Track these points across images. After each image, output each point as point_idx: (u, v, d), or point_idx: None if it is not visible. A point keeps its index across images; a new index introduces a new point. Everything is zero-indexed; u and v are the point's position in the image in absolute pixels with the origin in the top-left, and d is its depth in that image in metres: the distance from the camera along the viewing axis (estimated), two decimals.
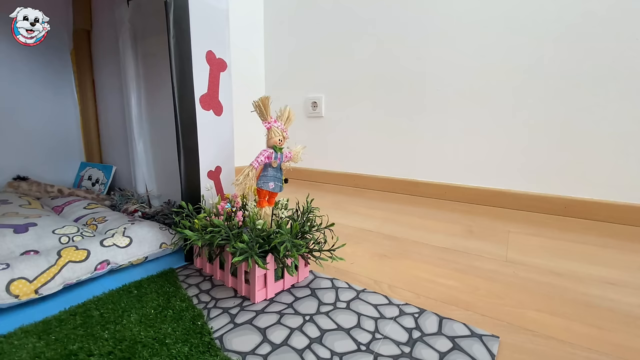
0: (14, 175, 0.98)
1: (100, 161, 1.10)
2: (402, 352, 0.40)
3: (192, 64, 0.60)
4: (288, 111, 0.56)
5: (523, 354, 0.41)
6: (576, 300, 0.54)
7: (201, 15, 0.61)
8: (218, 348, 0.40)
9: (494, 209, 1.10)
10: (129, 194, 0.89)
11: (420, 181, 1.27)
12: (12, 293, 0.45)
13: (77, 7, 1.01)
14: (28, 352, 0.38)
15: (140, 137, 0.86)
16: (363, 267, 0.64)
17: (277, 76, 1.66)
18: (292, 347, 0.41)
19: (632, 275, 0.63)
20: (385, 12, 1.29)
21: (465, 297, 0.54)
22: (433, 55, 1.20)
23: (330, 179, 1.52)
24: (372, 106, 1.37)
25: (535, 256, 0.71)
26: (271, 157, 0.55)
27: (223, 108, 0.67)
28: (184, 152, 0.61)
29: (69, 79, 1.08)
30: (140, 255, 0.60)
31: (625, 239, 0.84)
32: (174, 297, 0.50)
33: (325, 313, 0.48)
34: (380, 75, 1.33)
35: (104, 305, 0.47)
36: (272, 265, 0.52)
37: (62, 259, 0.51)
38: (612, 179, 0.96)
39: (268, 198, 0.57)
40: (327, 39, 1.45)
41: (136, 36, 0.82)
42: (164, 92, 0.77)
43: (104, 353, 0.38)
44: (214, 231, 0.51)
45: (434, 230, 0.87)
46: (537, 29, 1.01)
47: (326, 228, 0.55)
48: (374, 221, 0.94)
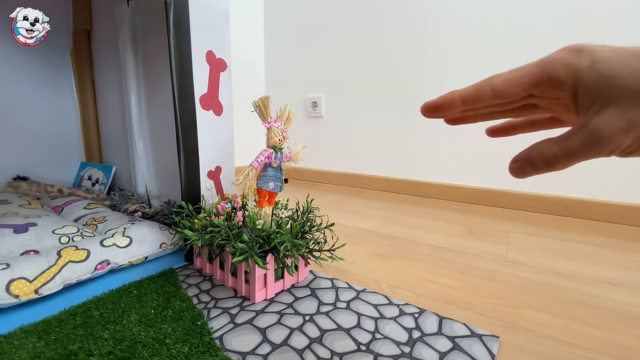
0: (14, 175, 0.97)
1: (100, 161, 1.10)
2: (402, 352, 0.40)
3: (192, 64, 0.60)
4: (288, 111, 0.56)
5: (523, 354, 0.41)
6: (576, 300, 0.54)
7: (201, 15, 0.61)
8: (218, 348, 0.40)
9: (494, 209, 1.10)
10: (129, 194, 0.89)
11: (420, 181, 1.27)
12: (12, 293, 0.45)
13: (77, 7, 1.01)
14: (28, 352, 0.38)
15: (140, 137, 0.86)
16: (363, 267, 0.64)
17: (277, 76, 1.66)
18: (292, 347, 0.41)
19: (632, 275, 0.63)
20: (385, 12, 1.29)
21: (465, 297, 0.54)
22: (434, 55, 1.20)
23: (330, 179, 1.52)
24: (373, 106, 1.37)
25: (535, 256, 0.71)
26: (271, 157, 0.55)
27: (223, 108, 0.67)
28: (184, 152, 0.61)
29: (69, 78, 1.08)
30: (140, 255, 0.60)
31: (625, 239, 0.84)
32: (174, 297, 0.50)
33: (325, 313, 0.48)
34: (381, 75, 1.33)
35: (104, 305, 0.47)
36: (272, 265, 0.52)
37: (62, 259, 0.51)
38: (612, 179, 0.95)
39: (268, 198, 0.57)
40: (327, 39, 1.45)
41: (136, 36, 0.82)
42: (164, 92, 0.77)
43: (104, 353, 0.38)
44: (214, 231, 0.51)
45: (434, 230, 0.87)
46: (538, 29, 1.01)
47: (326, 228, 0.55)
48: (374, 221, 0.94)
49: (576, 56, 0.19)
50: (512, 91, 0.21)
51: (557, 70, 0.19)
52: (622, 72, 0.17)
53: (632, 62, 0.17)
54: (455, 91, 0.22)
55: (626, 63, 0.17)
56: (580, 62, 0.18)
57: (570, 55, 0.19)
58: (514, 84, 0.20)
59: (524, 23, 1.03)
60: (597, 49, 0.18)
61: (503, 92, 0.21)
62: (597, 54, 0.18)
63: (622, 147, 0.18)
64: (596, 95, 0.18)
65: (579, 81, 0.18)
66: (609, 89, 0.17)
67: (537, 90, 0.20)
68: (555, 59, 0.19)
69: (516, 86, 0.20)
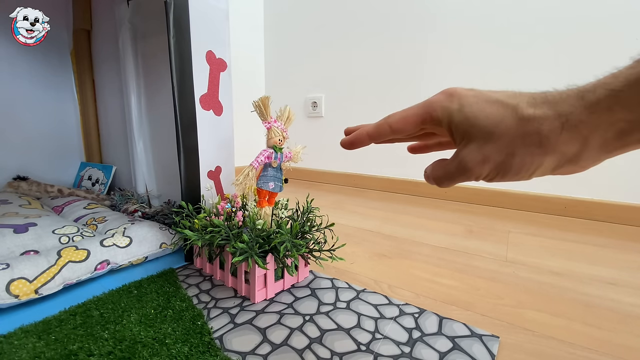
0: (14, 175, 0.98)
1: (100, 161, 1.10)
2: (402, 352, 0.40)
3: (192, 63, 0.60)
4: (288, 111, 0.56)
5: (523, 354, 0.41)
6: (576, 300, 0.54)
7: (201, 15, 0.61)
8: (218, 348, 0.40)
9: (494, 209, 1.10)
10: (129, 194, 0.89)
11: (420, 181, 1.27)
12: (12, 293, 0.45)
13: (77, 7, 1.01)
14: (28, 352, 0.38)
15: (140, 137, 0.85)
16: (363, 267, 0.64)
17: (277, 76, 1.66)
18: (292, 347, 0.41)
19: (632, 275, 0.63)
20: (385, 11, 1.29)
21: (465, 297, 0.54)
22: (433, 55, 1.20)
23: (330, 179, 1.52)
24: (373, 106, 1.37)
25: (535, 256, 0.71)
26: (271, 157, 0.55)
27: (223, 108, 0.67)
28: (184, 152, 0.61)
29: (69, 79, 1.08)
30: (140, 255, 0.60)
31: (625, 239, 0.84)
32: (174, 297, 0.50)
33: (325, 313, 0.48)
34: (381, 75, 1.33)
35: (104, 305, 0.47)
36: (272, 265, 0.52)
37: (62, 259, 0.51)
38: (612, 179, 0.95)
39: (268, 198, 0.57)
40: (327, 39, 1.45)
41: (136, 36, 0.82)
42: (164, 92, 0.77)
43: (104, 353, 0.38)
44: (214, 231, 0.51)
45: (434, 230, 0.87)
46: (538, 29, 1.01)
47: (326, 228, 0.55)
48: (374, 221, 0.94)
49: (449, 100, 0.23)
50: (406, 128, 0.25)
51: (436, 111, 0.23)
52: (479, 115, 0.21)
53: (486, 107, 0.21)
54: (364, 129, 0.27)
55: (482, 109, 0.21)
56: (452, 105, 0.22)
57: (445, 99, 0.23)
58: (406, 123, 0.25)
59: (524, 22, 1.03)
60: (465, 94, 0.22)
61: (398, 129, 0.25)
62: (463, 99, 0.22)
63: (482, 175, 0.22)
64: (463, 133, 0.22)
65: (451, 121, 0.22)
66: (471, 129, 0.21)
67: (425, 126, 0.24)
68: (434, 102, 0.23)
69: (408, 124, 0.25)
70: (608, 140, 0.19)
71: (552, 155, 0.20)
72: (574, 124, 0.19)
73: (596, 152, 0.19)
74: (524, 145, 0.20)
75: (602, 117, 0.18)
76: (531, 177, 0.21)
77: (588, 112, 0.18)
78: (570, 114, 0.19)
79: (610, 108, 0.18)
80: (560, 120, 0.19)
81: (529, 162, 0.20)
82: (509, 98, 0.21)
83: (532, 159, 0.20)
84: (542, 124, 0.19)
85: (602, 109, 0.18)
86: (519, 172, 0.21)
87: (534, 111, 0.20)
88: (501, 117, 0.20)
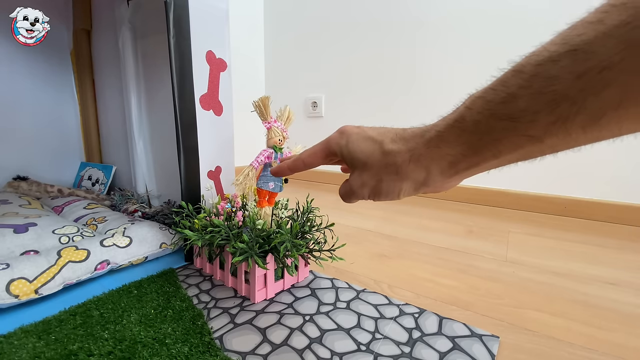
0: (14, 175, 0.97)
1: (100, 161, 1.10)
2: (402, 352, 0.40)
3: (192, 64, 0.60)
4: (288, 111, 0.56)
5: (523, 354, 0.41)
6: (576, 300, 0.54)
7: (201, 15, 0.61)
8: (218, 348, 0.40)
9: (494, 209, 1.10)
10: (129, 194, 0.89)
11: None
12: (12, 293, 0.45)
13: (77, 7, 1.01)
14: (28, 352, 0.38)
15: (140, 137, 0.85)
16: (363, 267, 0.64)
17: (277, 76, 1.66)
18: (292, 347, 0.41)
19: (632, 275, 0.63)
20: (385, 12, 1.29)
21: (465, 297, 0.54)
22: (434, 55, 1.20)
23: (330, 179, 1.52)
24: (373, 106, 1.36)
25: (535, 256, 0.71)
26: (271, 157, 0.55)
27: (223, 108, 0.67)
28: (184, 152, 0.61)
29: (69, 79, 1.08)
30: (140, 255, 0.60)
31: (625, 239, 0.84)
32: (174, 297, 0.50)
33: (325, 313, 0.48)
34: (381, 75, 1.33)
35: (104, 305, 0.47)
36: (272, 265, 0.52)
37: (62, 259, 0.51)
38: (612, 179, 0.96)
39: (268, 198, 0.57)
40: (327, 39, 1.45)
41: (136, 36, 0.82)
42: (164, 92, 0.77)
43: (104, 353, 0.38)
44: (214, 231, 0.51)
45: (434, 230, 0.87)
46: (539, 28, 1.01)
47: (326, 228, 0.55)
48: (374, 221, 0.94)
49: (340, 137, 0.28)
50: (315, 161, 0.31)
51: (332, 147, 0.28)
52: (357, 150, 0.26)
53: (362, 143, 0.26)
54: (285, 163, 0.33)
55: (359, 144, 0.26)
56: (341, 142, 0.27)
57: (338, 137, 0.28)
58: (314, 157, 0.30)
59: (524, 20, 1.03)
60: (351, 132, 0.27)
61: (309, 163, 0.31)
62: (349, 136, 0.27)
63: (365, 196, 0.27)
64: (350, 163, 0.27)
65: (342, 154, 0.28)
66: (353, 161, 0.27)
67: (331, 157, 0.30)
68: (331, 139, 0.29)
69: (316, 159, 0.30)
70: (444, 169, 0.23)
71: (407, 181, 0.24)
72: (417, 157, 0.23)
73: (440, 178, 0.24)
74: (387, 173, 0.25)
75: (434, 151, 0.23)
76: (400, 197, 0.26)
77: (425, 147, 0.23)
78: (415, 149, 0.23)
79: (438, 145, 0.22)
80: (409, 153, 0.24)
81: (392, 186, 0.25)
82: (379, 135, 0.26)
83: (394, 184, 0.25)
84: (396, 157, 0.24)
85: (433, 146, 0.22)
86: (388, 194, 0.26)
87: (392, 147, 0.24)
88: (371, 151, 0.25)
